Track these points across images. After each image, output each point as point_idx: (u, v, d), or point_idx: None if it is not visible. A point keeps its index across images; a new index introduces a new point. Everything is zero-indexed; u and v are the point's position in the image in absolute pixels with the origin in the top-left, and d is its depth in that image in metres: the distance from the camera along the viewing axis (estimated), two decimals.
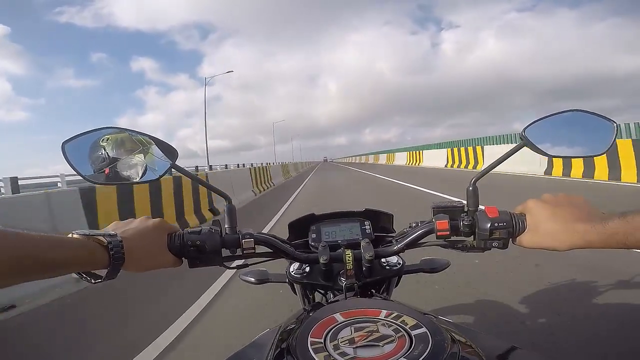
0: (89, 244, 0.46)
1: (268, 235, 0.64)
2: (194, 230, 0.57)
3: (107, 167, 0.55)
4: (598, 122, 0.59)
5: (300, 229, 0.80)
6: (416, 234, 0.62)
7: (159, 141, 0.58)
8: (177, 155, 0.58)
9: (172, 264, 0.56)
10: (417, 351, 0.39)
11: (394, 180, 11.49)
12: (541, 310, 2.14)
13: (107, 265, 0.47)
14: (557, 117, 0.60)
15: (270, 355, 0.45)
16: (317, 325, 0.45)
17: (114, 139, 0.56)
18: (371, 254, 0.62)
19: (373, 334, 0.42)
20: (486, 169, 0.60)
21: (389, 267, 0.72)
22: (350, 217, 0.80)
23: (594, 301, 2.20)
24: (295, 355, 0.40)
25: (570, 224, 0.50)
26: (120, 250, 0.47)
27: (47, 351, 2.10)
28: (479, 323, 2.03)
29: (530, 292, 2.41)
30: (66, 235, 0.46)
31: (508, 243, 0.57)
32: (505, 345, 0.48)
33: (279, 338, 0.50)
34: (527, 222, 0.55)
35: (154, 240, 0.53)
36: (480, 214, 0.58)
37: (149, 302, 2.69)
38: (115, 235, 0.48)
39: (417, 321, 0.44)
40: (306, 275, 0.74)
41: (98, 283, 0.49)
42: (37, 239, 0.41)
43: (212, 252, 0.57)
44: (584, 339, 1.79)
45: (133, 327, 2.30)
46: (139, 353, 1.93)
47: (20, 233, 0.40)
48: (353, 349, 0.40)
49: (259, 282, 0.86)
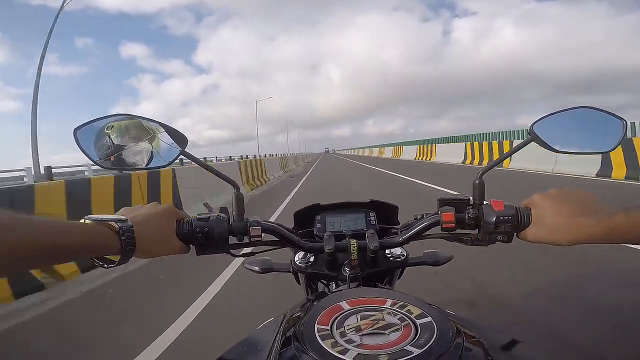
0: (100, 229, 0.47)
1: (274, 224, 0.65)
2: (202, 217, 0.58)
3: (113, 154, 0.56)
4: (607, 119, 0.59)
5: (306, 218, 0.80)
6: (421, 225, 0.63)
7: (169, 128, 0.58)
8: (187, 142, 0.58)
9: (180, 251, 0.56)
10: (423, 339, 0.39)
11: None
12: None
13: (119, 250, 0.48)
14: (565, 114, 0.60)
15: (277, 342, 0.46)
16: (324, 312, 0.45)
17: (118, 125, 0.56)
18: (376, 244, 0.63)
19: (379, 322, 0.43)
20: (493, 163, 0.60)
21: (393, 258, 0.72)
22: (356, 208, 0.80)
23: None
24: (302, 341, 0.41)
25: (574, 219, 0.51)
26: (132, 236, 0.48)
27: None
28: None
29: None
30: (78, 221, 0.46)
31: (513, 237, 0.58)
32: (508, 338, 0.49)
33: (285, 326, 0.50)
34: (532, 216, 0.55)
35: (163, 226, 0.54)
36: (486, 207, 0.58)
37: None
38: (126, 221, 0.49)
39: (423, 310, 0.44)
40: (310, 264, 0.74)
41: (111, 267, 0.49)
42: (50, 225, 0.41)
43: (219, 239, 0.58)
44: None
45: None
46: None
47: (32, 219, 0.40)
48: (359, 336, 0.41)
49: (263, 271, 0.86)
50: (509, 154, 0.60)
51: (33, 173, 9.83)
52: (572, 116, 0.60)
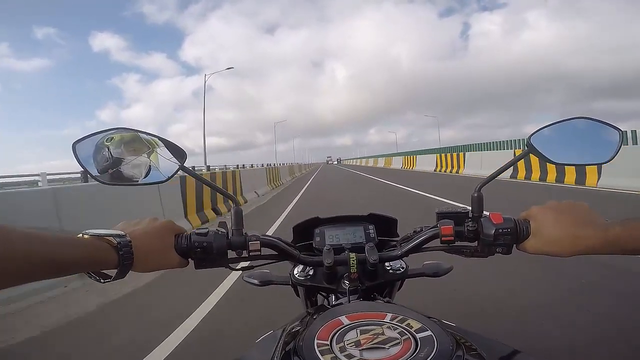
0: (98, 244, 0.46)
1: (274, 238, 0.65)
2: (200, 231, 0.58)
3: (111, 167, 0.55)
4: (604, 129, 0.60)
5: (305, 232, 0.80)
6: (420, 238, 0.63)
7: (167, 142, 0.58)
8: (186, 157, 0.58)
9: (179, 265, 0.56)
10: (423, 353, 0.39)
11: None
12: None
13: (116, 265, 0.47)
14: (562, 125, 0.60)
15: (276, 357, 0.45)
16: (323, 327, 0.45)
17: (118, 139, 0.56)
18: (375, 257, 0.63)
19: (379, 337, 0.42)
20: (492, 176, 0.61)
21: (392, 271, 0.72)
22: (355, 221, 0.80)
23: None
24: (302, 356, 0.41)
25: (573, 230, 0.51)
26: (130, 251, 0.48)
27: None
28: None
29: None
30: (76, 235, 0.46)
31: (512, 249, 0.57)
32: (508, 349, 0.48)
33: (285, 340, 0.50)
34: (531, 228, 0.55)
35: (161, 241, 0.53)
36: (484, 220, 0.58)
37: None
38: (125, 236, 0.49)
39: (422, 324, 0.44)
40: (310, 277, 0.74)
41: (107, 282, 0.49)
42: (48, 239, 0.41)
43: (218, 253, 0.58)
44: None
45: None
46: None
47: (30, 232, 0.40)
48: (359, 351, 0.40)
49: (262, 284, 0.86)
50: (506, 167, 0.60)
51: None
52: (568, 127, 0.60)
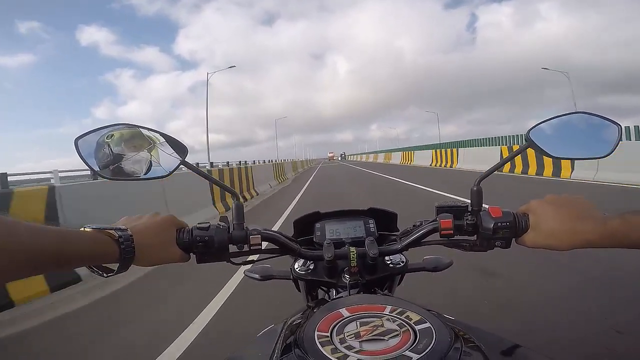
0: (100, 237, 0.47)
1: (275, 232, 0.65)
2: (202, 226, 0.58)
3: (112, 163, 0.56)
4: (603, 124, 0.60)
5: (305, 226, 0.81)
6: (420, 232, 0.63)
7: (169, 138, 0.58)
8: (187, 152, 0.59)
9: (180, 259, 0.57)
10: (422, 345, 0.39)
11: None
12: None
13: (118, 259, 0.48)
14: (561, 119, 0.60)
15: (277, 349, 0.46)
16: (324, 319, 0.46)
17: (118, 135, 0.56)
18: (375, 251, 0.63)
19: (378, 329, 0.43)
20: (490, 170, 0.61)
21: (392, 265, 0.73)
22: (355, 216, 0.81)
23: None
24: (303, 348, 0.41)
25: (571, 224, 0.51)
26: (131, 245, 0.48)
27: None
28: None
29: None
30: (78, 229, 0.47)
31: (511, 243, 0.58)
32: (507, 343, 0.49)
33: (286, 332, 0.51)
34: (529, 222, 0.55)
35: (163, 235, 0.54)
36: (484, 213, 0.59)
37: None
38: (126, 230, 0.49)
39: (421, 316, 0.45)
40: (310, 272, 0.74)
41: (110, 276, 0.50)
42: (50, 233, 0.41)
43: (219, 247, 0.58)
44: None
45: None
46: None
47: (35, 226, 0.40)
48: (359, 343, 0.41)
49: (264, 278, 0.86)
50: (506, 161, 0.61)
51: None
52: (568, 121, 0.61)
